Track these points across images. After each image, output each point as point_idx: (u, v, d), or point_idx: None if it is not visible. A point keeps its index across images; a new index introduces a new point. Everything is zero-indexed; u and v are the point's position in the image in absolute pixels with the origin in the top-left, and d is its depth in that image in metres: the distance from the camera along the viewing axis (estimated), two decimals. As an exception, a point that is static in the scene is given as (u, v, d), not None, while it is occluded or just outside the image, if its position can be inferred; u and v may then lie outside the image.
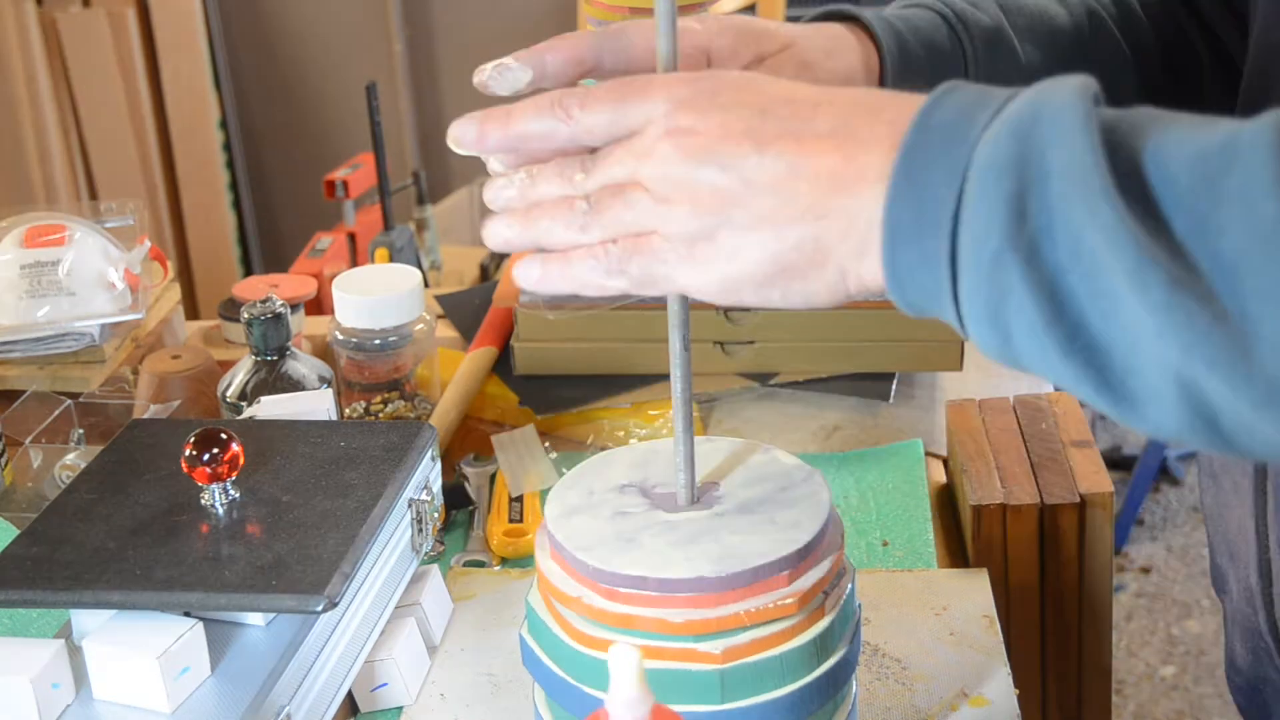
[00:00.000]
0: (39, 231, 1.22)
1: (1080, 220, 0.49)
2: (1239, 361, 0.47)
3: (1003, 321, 0.52)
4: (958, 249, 0.52)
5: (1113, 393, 0.51)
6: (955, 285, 0.53)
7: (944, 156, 0.52)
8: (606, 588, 0.69)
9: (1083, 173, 0.49)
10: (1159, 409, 0.50)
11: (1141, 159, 0.49)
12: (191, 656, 0.75)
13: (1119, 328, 0.49)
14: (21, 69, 2.70)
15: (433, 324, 1.15)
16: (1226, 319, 0.47)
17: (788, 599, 0.69)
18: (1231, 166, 0.48)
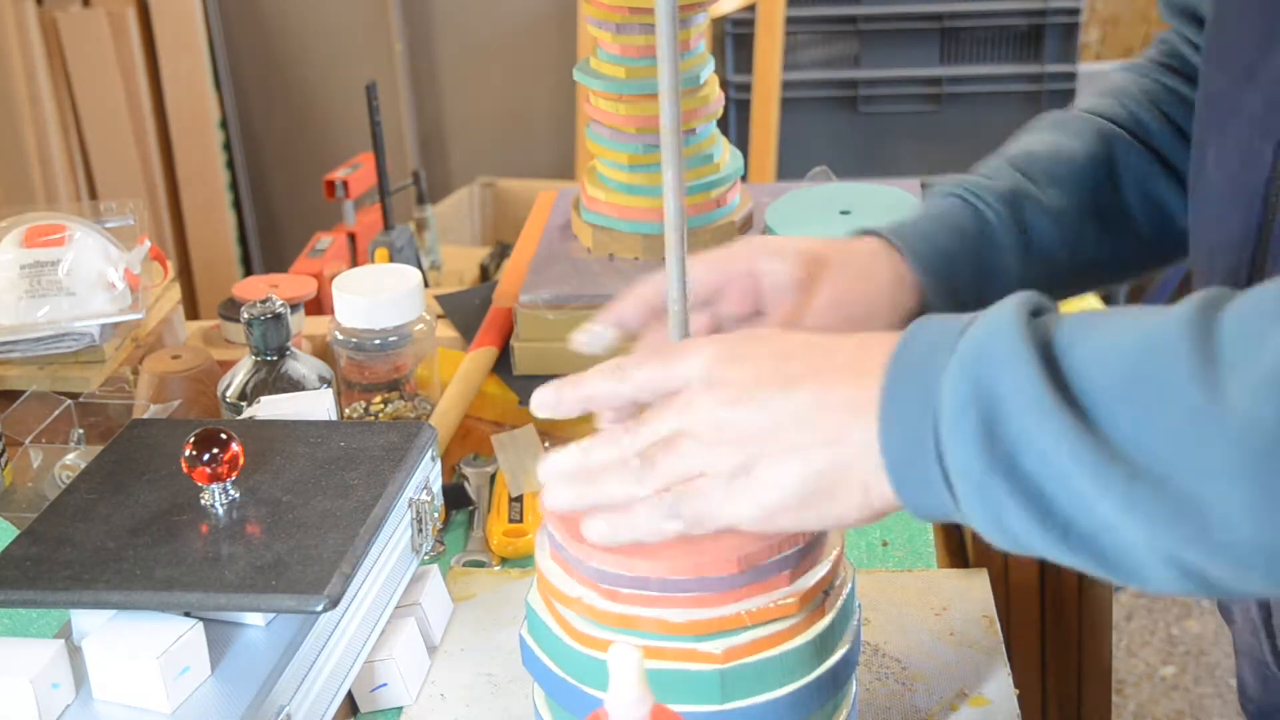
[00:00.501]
0: (39, 231, 1.22)
1: (1039, 438, 0.54)
2: (1203, 537, 0.52)
3: (1006, 528, 0.57)
4: (949, 476, 0.58)
5: (1118, 572, 0.56)
6: (957, 502, 0.58)
7: (917, 398, 0.59)
8: (608, 588, 0.69)
9: (1031, 396, 0.55)
10: (1158, 578, 0.55)
11: (1076, 370, 0.55)
12: (191, 656, 0.75)
13: (1099, 522, 0.54)
14: (21, 69, 2.70)
15: (433, 324, 1.15)
16: (1180, 501, 0.52)
17: (789, 598, 0.69)
18: (1154, 360, 0.53)
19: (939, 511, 0.60)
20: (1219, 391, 0.51)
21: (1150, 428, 0.53)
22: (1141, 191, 0.91)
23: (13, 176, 2.72)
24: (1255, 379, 0.50)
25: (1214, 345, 0.52)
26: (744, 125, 2.70)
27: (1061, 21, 2.81)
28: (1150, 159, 0.91)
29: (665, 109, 0.69)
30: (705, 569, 0.68)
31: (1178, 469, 0.52)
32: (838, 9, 2.83)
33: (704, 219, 1.25)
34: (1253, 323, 0.52)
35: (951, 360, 0.58)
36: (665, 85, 0.68)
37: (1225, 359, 0.52)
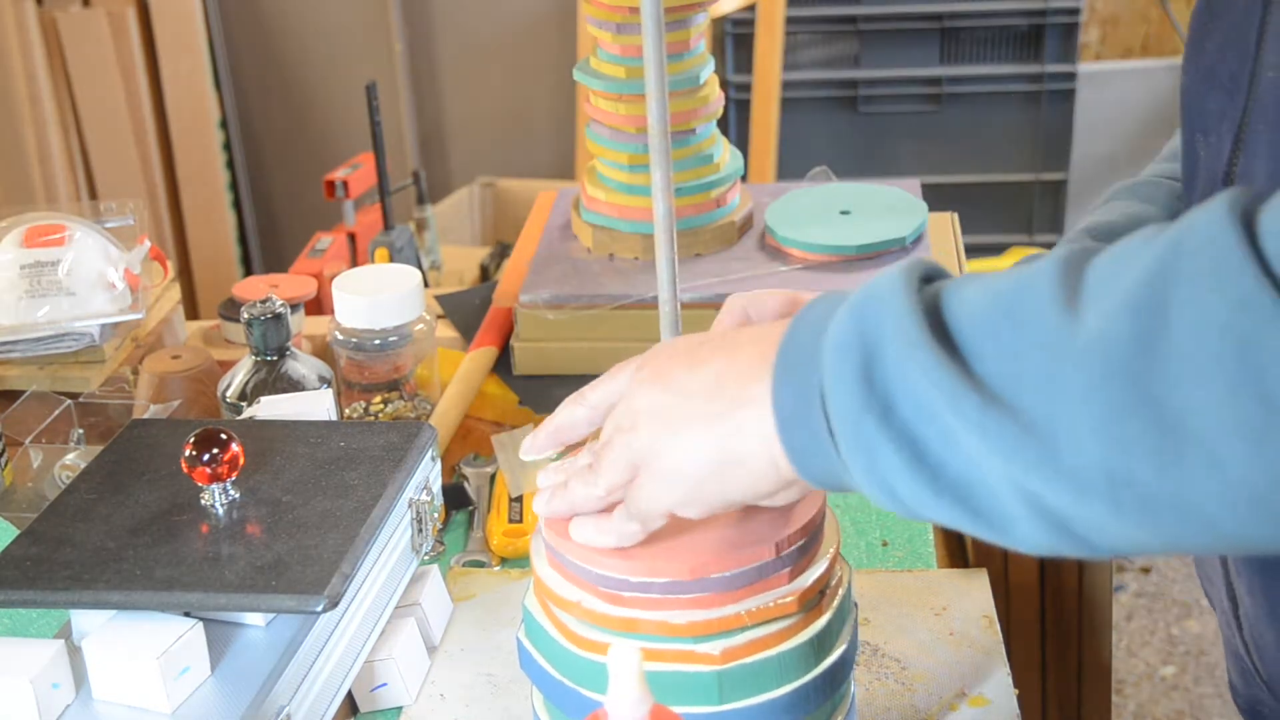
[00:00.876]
0: (39, 231, 1.22)
1: (912, 373, 0.55)
2: (1049, 460, 0.52)
3: (882, 479, 0.57)
4: (831, 424, 0.58)
5: (984, 522, 0.56)
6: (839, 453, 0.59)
7: (808, 346, 0.60)
8: (609, 592, 0.69)
9: (906, 333, 0.56)
10: (1023, 528, 0.55)
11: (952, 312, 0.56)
12: (191, 656, 0.75)
13: (963, 458, 0.55)
14: (21, 69, 2.70)
15: (433, 324, 1.15)
16: (1031, 427, 0.52)
17: (787, 597, 0.69)
18: (1021, 296, 0.54)
19: (824, 472, 0.60)
20: (1076, 318, 0.52)
21: (1009, 355, 0.54)
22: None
23: (13, 176, 2.72)
24: (1109, 304, 0.51)
25: (1078, 280, 0.53)
26: (744, 125, 2.70)
27: (1061, 21, 2.81)
28: None
29: (653, 111, 0.69)
30: (706, 569, 0.68)
31: (1031, 394, 0.53)
32: (838, 9, 2.83)
33: (704, 219, 1.25)
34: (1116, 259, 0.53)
35: (839, 311, 0.59)
36: (652, 88, 0.69)
37: (1087, 291, 0.53)
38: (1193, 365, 0.49)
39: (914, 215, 1.24)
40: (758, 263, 1.21)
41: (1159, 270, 0.50)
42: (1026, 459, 0.53)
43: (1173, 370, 0.49)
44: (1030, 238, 2.96)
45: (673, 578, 0.68)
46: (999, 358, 0.54)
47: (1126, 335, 0.50)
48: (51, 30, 2.76)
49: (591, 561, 0.69)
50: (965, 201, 2.46)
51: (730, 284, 1.18)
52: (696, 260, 1.23)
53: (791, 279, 1.17)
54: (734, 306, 0.76)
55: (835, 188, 1.31)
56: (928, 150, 2.92)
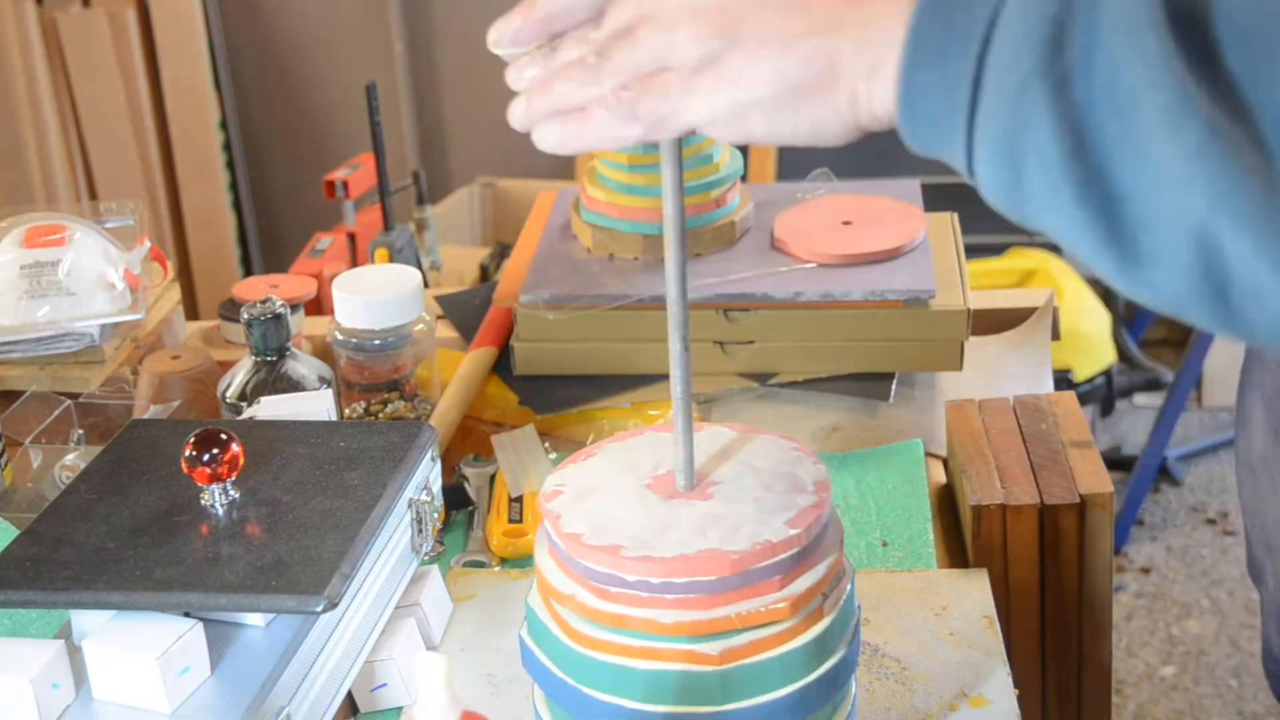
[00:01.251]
0: (39, 231, 1.22)
1: (1123, 53, 0.45)
2: (1270, 215, 0.44)
3: (1018, 155, 0.49)
4: (983, 72, 0.49)
5: (1121, 247, 0.48)
6: (973, 113, 0.49)
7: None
8: (598, 586, 0.69)
9: (1134, 2, 0.45)
10: (1167, 269, 0.47)
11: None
12: (191, 657, 0.75)
13: (1144, 173, 0.46)
14: (21, 69, 2.70)
15: (433, 324, 1.15)
16: (1266, 170, 0.44)
17: (779, 603, 0.69)
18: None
19: (933, 126, 0.51)
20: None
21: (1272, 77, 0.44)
22: None
23: (13, 176, 2.72)
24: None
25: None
26: (744, 125, 2.69)
27: (1061, 21, 2.80)
28: None
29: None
30: (696, 570, 0.68)
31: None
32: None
33: (703, 219, 1.25)
34: None
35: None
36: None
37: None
38: None
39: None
40: (758, 263, 1.21)
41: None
42: (1240, 205, 0.44)
43: None
44: (1030, 238, 2.95)
45: (662, 577, 0.68)
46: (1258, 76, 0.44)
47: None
48: (51, 30, 2.76)
49: (583, 555, 0.69)
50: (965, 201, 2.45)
51: (730, 284, 1.18)
52: (696, 260, 1.23)
53: (791, 279, 1.17)
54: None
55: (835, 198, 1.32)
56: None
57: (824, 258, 1.19)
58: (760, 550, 0.68)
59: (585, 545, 0.69)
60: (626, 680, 0.69)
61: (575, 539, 0.70)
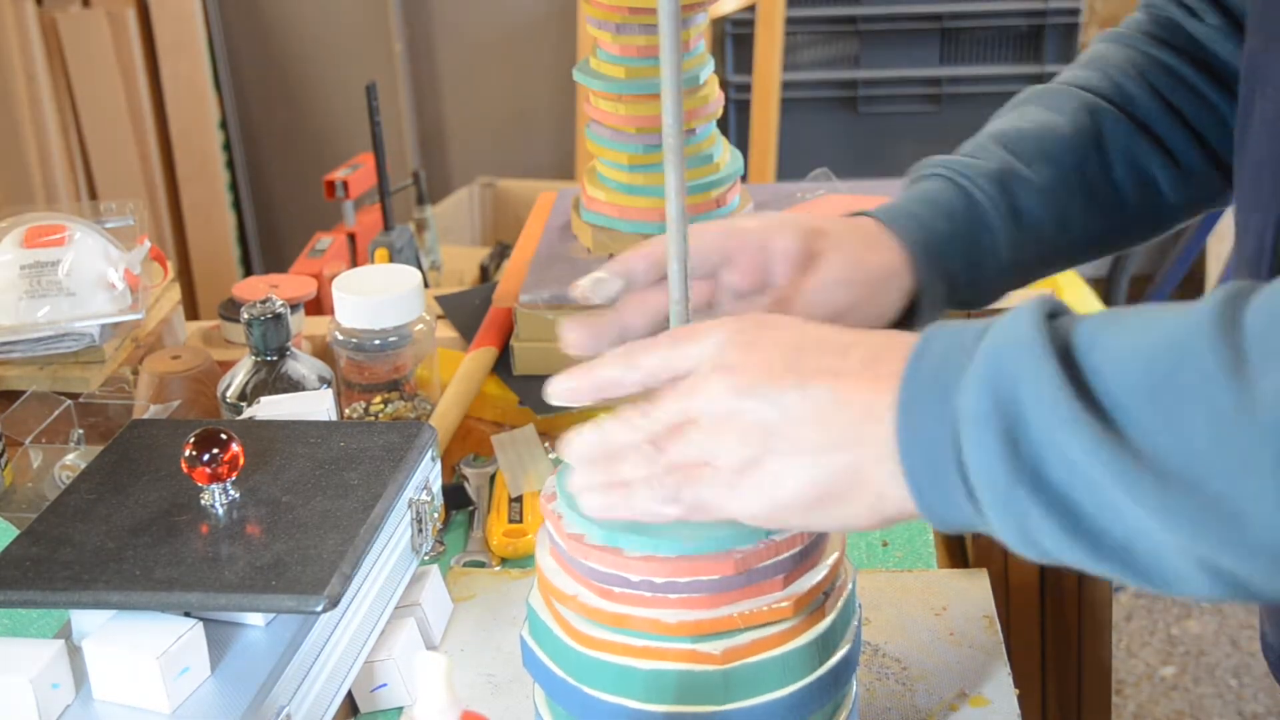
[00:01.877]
0: (39, 231, 1.22)
1: (1065, 446, 0.53)
2: (1240, 540, 0.51)
3: (1033, 540, 0.56)
4: (972, 488, 0.56)
5: (1149, 580, 0.55)
6: (982, 514, 0.57)
7: (934, 408, 0.57)
8: (601, 587, 0.69)
9: (1053, 404, 0.53)
10: (1193, 585, 0.54)
11: (1098, 373, 0.54)
12: (191, 656, 0.75)
13: (1130, 529, 0.53)
14: (21, 69, 2.70)
15: (433, 324, 1.15)
16: (1214, 504, 0.51)
17: (782, 602, 0.69)
18: (1180, 365, 0.51)
19: (962, 522, 0.59)
20: (1247, 390, 0.50)
21: (1179, 431, 0.51)
22: (1129, 165, 0.89)
23: (13, 176, 2.72)
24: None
25: (1239, 341, 0.51)
26: (744, 125, 2.70)
27: (1061, 22, 2.81)
28: (1136, 132, 0.90)
29: (668, 110, 0.69)
30: (699, 570, 0.68)
31: (1210, 472, 0.50)
32: (838, 9, 2.83)
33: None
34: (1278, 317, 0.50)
35: (970, 369, 0.57)
36: (668, 86, 0.68)
37: (1252, 356, 0.50)
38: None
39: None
40: (758, 263, 1.21)
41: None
42: (1211, 537, 0.51)
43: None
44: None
45: (666, 577, 0.68)
46: (1167, 432, 0.51)
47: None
48: (51, 30, 2.76)
49: (586, 555, 0.69)
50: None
51: (730, 284, 1.18)
52: (696, 260, 1.23)
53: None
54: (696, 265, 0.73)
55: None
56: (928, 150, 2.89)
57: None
58: (764, 549, 0.68)
59: (588, 546, 0.69)
60: (628, 680, 0.69)
61: (578, 540, 0.70)
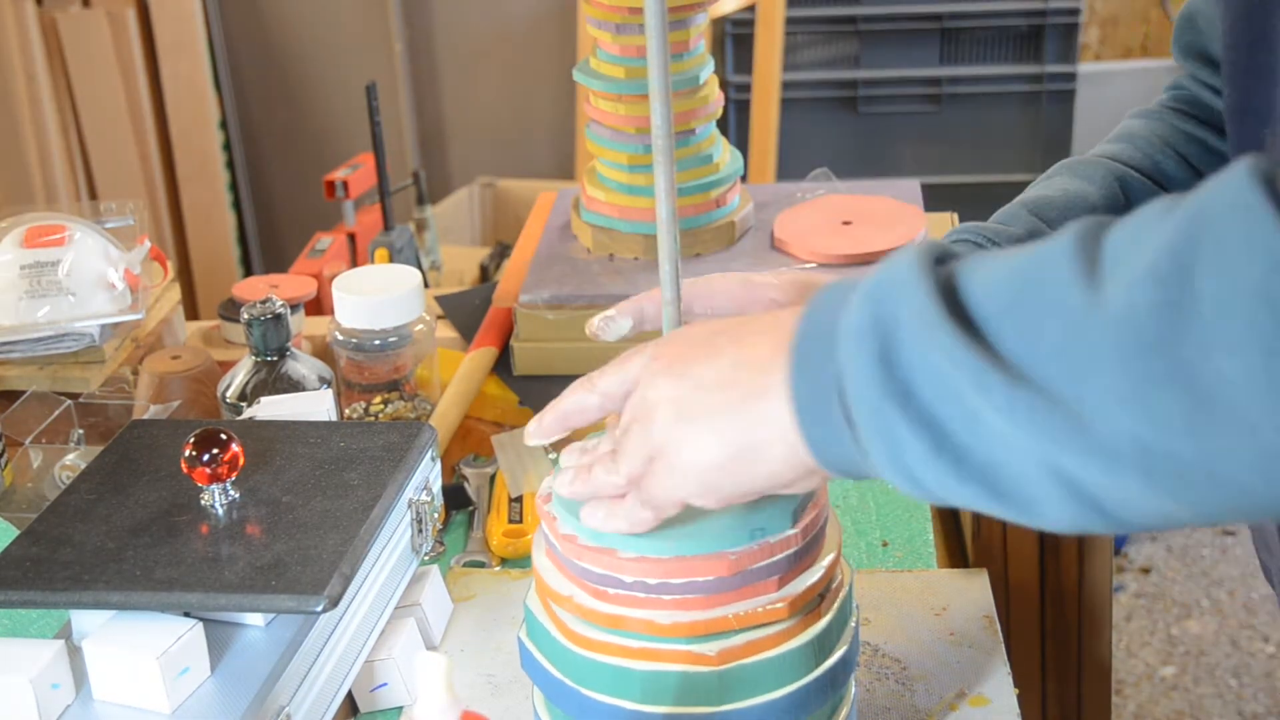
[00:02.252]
0: (39, 231, 1.22)
1: (932, 355, 0.55)
2: (1079, 434, 0.52)
3: (904, 466, 0.57)
4: (849, 413, 0.58)
5: (1011, 504, 0.55)
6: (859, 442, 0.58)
7: (823, 334, 0.59)
8: (596, 588, 0.69)
9: (924, 315, 0.55)
10: (1052, 507, 0.54)
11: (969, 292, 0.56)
12: (191, 657, 0.75)
13: (989, 440, 0.54)
14: (21, 69, 2.70)
15: (433, 324, 1.15)
16: (1060, 402, 0.52)
17: (778, 603, 0.69)
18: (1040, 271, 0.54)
19: (846, 462, 0.60)
20: (1098, 290, 0.52)
21: (1032, 333, 0.53)
22: None
23: (13, 176, 2.72)
24: (1132, 274, 0.51)
25: (1097, 253, 0.53)
26: (744, 125, 2.70)
27: (1061, 22, 2.81)
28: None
29: (656, 112, 0.69)
30: (693, 571, 0.68)
31: (1057, 369, 0.52)
32: (838, 9, 2.83)
33: (703, 219, 1.25)
34: (1134, 229, 0.52)
35: (853, 296, 0.59)
36: (655, 88, 0.68)
37: (1106, 263, 0.52)
38: (1224, 331, 0.48)
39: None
40: (758, 263, 1.21)
41: (1183, 237, 0.50)
42: (1056, 434, 0.52)
43: (1204, 337, 0.49)
44: (1030, 238, 2.95)
45: (659, 578, 0.68)
46: (1021, 335, 0.53)
47: (1153, 304, 0.50)
48: (51, 30, 2.76)
49: (580, 556, 0.69)
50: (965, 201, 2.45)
51: (730, 284, 1.18)
52: (696, 260, 1.23)
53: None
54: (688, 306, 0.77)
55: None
56: (928, 150, 2.92)
57: (824, 258, 1.19)
58: (758, 550, 0.68)
59: (582, 547, 0.69)
60: (625, 681, 0.69)
61: (571, 540, 0.70)
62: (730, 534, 0.68)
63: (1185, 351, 0.49)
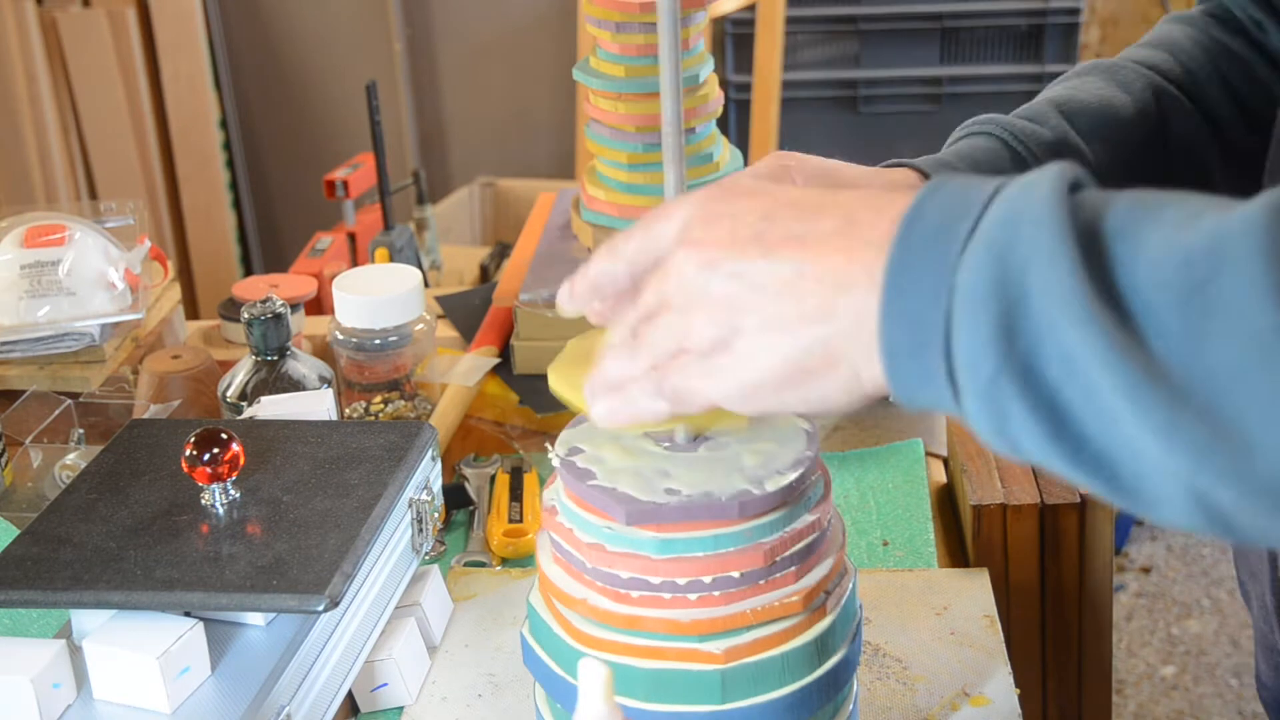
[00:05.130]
0: (39, 231, 1.22)
1: (1069, 341, 0.48)
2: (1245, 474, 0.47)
3: (1009, 435, 0.52)
4: (954, 370, 0.52)
5: (1126, 496, 0.51)
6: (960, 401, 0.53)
7: (928, 276, 0.52)
8: (616, 590, 0.69)
9: (1063, 293, 0.49)
10: (1173, 510, 0.50)
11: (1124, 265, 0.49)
12: (191, 656, 0.75)
13: (1123, 443, 0.49)
14: (21, 69, 2.70)
15: (433, 324, 1.15)
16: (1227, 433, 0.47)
17: (793, 596, 0.69)
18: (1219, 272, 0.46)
19: (932, 404, 0.54)
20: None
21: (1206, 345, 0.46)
22: (1188, 158, 0.84)
23: (13, 176, 2.72)
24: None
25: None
26: (744, 125, 2.70)
27: (1061, 21, 2.81)
28: (1200, 123, 0.85)
29: (667, 108, 0.69)
30: (728, 566, 0.68)
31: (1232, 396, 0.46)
32: (838, 9, 2.83)
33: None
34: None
35: (974, 239, 0.51)
36: (667, 85, 0.68)
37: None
38: None
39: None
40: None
41: None
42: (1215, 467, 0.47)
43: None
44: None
45: (691, 576, 0.68)
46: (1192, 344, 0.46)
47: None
48: (51, 30, 2.76)
49: (602, 561, 0.69)
50: (965, 201, 2.46)
51: (730, 284, 1.18)
52: (697, 260, 1.23)
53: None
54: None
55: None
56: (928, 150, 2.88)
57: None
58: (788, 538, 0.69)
59: (612, 554, 0.69)
60: (629, 679, 0.69)
61: (598, 549, 0.69)
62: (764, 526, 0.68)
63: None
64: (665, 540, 0.68)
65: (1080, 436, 0.50)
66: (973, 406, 0.52)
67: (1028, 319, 0.49)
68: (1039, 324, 0.49)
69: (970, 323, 0.51)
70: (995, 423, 0.52)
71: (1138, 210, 0.50)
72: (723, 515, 0.68)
